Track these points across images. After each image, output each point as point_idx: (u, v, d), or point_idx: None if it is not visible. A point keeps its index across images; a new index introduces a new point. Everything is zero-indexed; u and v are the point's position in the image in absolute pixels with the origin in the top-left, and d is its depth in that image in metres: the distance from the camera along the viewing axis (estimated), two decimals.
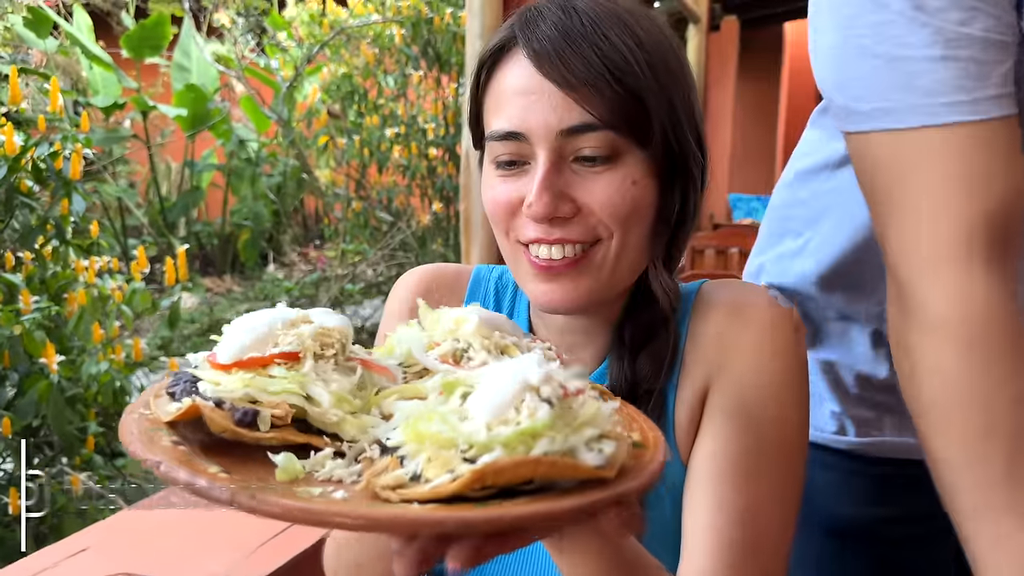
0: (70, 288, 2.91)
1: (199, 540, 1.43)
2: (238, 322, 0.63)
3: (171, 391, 0.60)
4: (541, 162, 0.80)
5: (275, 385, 0.59)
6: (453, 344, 0.68)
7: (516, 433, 0.50)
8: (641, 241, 0.84)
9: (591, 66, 0.78)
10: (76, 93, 6.37)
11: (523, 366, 0.54)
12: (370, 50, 5.69)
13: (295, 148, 6.19)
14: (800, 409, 0.87)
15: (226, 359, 0.60)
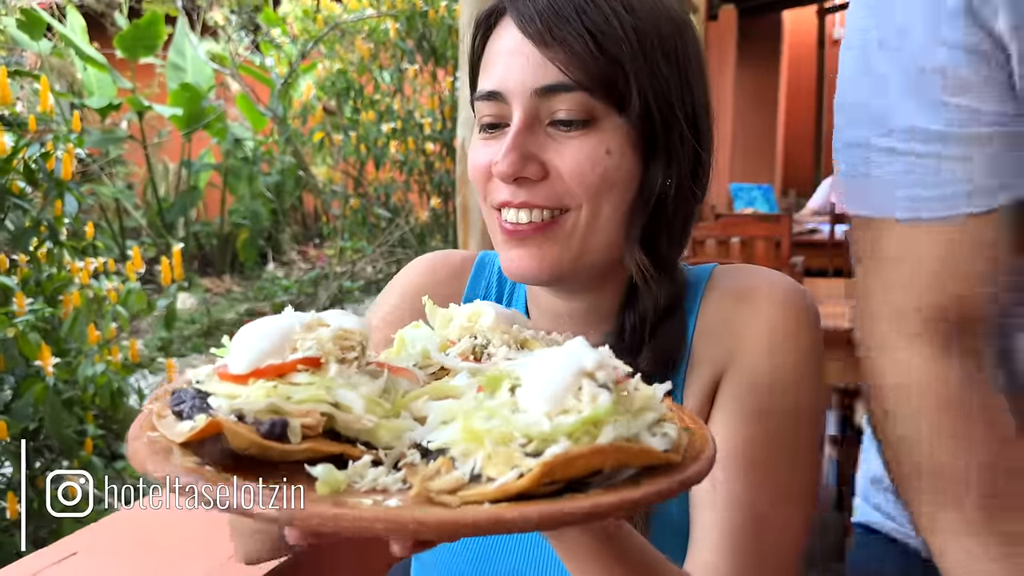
0: (65, 290, 2.89)
1: (191, 542, 1.41)
2: (247, 329, 0.57)
3: (177, 410, 0.54)
4: (515, 120, 0.79)
5: (301, 393, 0.53)
6: (471, 341, 0.65)
7: (580, 421, 0.47)
8: (615, 215, 0.81)
9: (571, 26, 0.77)
10: (71, 95, 6.34)
11: (574, 352, 0.52)
12: (365, 45, 5.66)
13: (291, 146, 6.17)
14: (814, 395, 0.83)
15: (241, 368, 0.54)
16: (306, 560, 1.39)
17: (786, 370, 0.81)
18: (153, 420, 0.55)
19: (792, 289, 0.85)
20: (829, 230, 5.27)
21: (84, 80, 6.66)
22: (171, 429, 0.53)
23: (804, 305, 0.84)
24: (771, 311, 0.82)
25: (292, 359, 0.54)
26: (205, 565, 1.33)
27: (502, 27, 0.83)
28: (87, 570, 1.27)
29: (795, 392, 0.81)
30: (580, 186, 0.78)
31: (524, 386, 0.51)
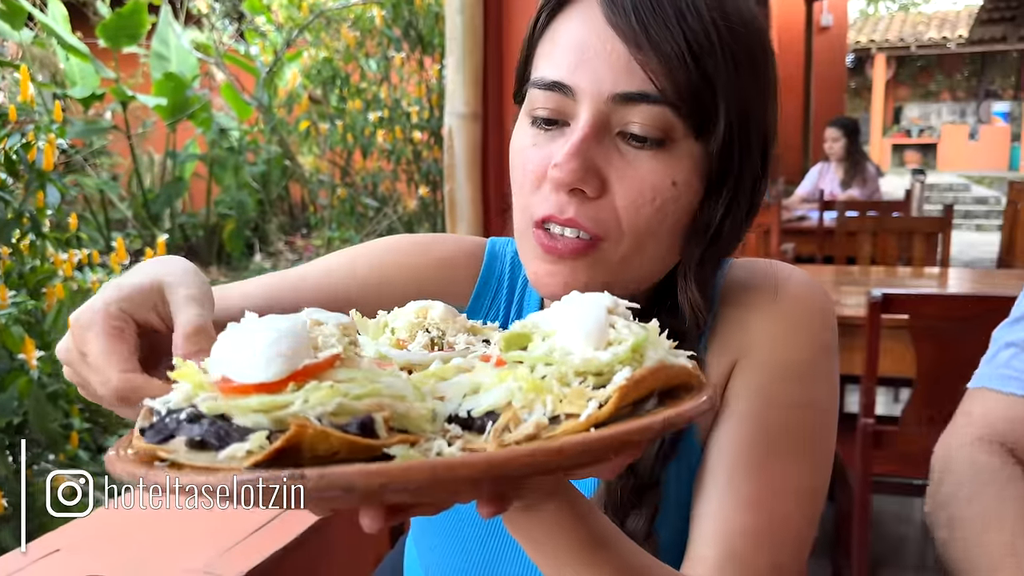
0: (48, 282, 2.86)
1: (175, 537, 1.39)
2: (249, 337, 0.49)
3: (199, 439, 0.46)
4: (581, 123, 0.71)
5: (356, 388, 0.48)
6: (426, 335, 0.63)
7: (630, 348, 0.50)
8: (660, 247, 0.75)
9: (669, 31, 0.68)
10: (53, 85, 6.26)
11: (588, 296, 0.55)
12: (351, 33, 5.61)
13: (277, 135, 6.12)
14: (828, 391, 0.81)
15: (270, 375, 0.47)
16: (299, 555, 1.37)
17: (800, 363, 0.79)
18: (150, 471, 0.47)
19: (808, 284, 0.83)
20: (818, 217, 5.28)
21: (66, 70, 6.58)
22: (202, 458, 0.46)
23: (821, 300, 0.82)
24: (786, 305, 0.80)
25: (325, 356, 0.49)
26: (192, 559, 1.31)
27: (580, 9, 0.74)
28: (70, 567, 1.25)
29: (809, 385, 0.79)
30: (631, 218, 0.72)
31: (557, 336, 0.52)
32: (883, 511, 3.66)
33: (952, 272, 4.02)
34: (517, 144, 0.77)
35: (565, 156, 0.70)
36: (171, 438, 0.47)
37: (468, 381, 0.53)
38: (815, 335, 0.81)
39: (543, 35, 0.77)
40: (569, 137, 0.72)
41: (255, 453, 0.45)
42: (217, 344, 0.50)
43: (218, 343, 0.50)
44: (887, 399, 5.02)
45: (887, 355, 2.65)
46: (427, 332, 0.64)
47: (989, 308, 2.26)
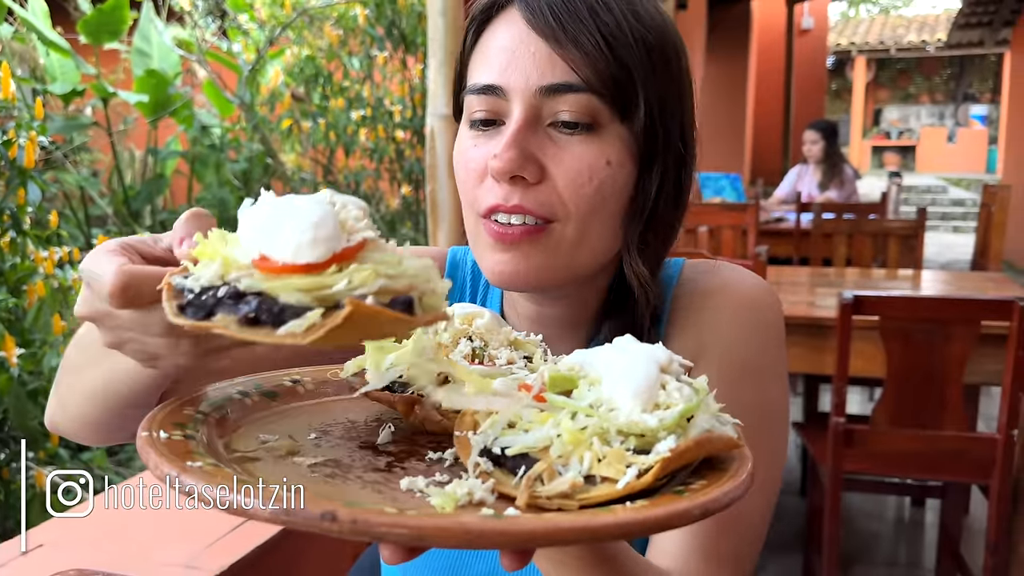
0: (29, 280, 2.85)
1: (157, 533, 1.41)
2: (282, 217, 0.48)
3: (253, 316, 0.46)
4: (514, 118, 0.78)
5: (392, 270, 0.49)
6: (469, 344, 0.64)
7: (678, 416, 0.48)
8: (604, 228, 0.80)
9: (583, 25, 0.76)
10: (33, 81, 6.22)
11: (643, 347, 0.53)
12: (334, 31, 5.61)
13: (259, 133, 6.10)
14: (779, 388, 0.85)
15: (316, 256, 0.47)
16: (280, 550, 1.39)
17: (754, 364, 0.83)
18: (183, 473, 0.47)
19: (757, 285, 0.86)
20: (795, 219, 5.34)
21: (47, 66, 6.54)
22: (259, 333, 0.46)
23: (769, 301, 0.86)
24: (737, 308, 0.84)
25: (357, 240, 0.49)
26: (174, 554, 1.33)
27: (503, 20, 0.81)
28: (53, 562, 1.26)
29: (762, 384, 0.83)
30: (573, 197, 0.77)
31: (605, 384, 0.51)
32: (854, 508, 3.72)
33: (925, 274, 4.08)
34: (459, 148, 0.83)
35: (503, 147, 0.76)
36: (211, 315, 0.47)
37: (507, 415, 0.52)
38: (766, 335, 0.85)
39: (473, 50, 0.84)
40: (505, 132, 0.78)
41: (315, 328, 0.45)
42: (246, 222, 0.50)
43: (246, 221, 0.50)
44: (862, 398, 5.09)
45: (860, 356, 2.70)
46: (470, 340, 0.65)
47: (957, 310, 2.31)
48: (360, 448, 0.60)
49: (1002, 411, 2.30)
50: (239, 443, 0.59)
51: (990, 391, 4.77)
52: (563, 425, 0.49)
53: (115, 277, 0.53)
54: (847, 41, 20.89)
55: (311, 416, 0.67)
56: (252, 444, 0.59)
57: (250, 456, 0.57)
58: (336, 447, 0.60)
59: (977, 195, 16.40)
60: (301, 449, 0.59)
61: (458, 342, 0.65)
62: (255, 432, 0.62)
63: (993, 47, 14.80)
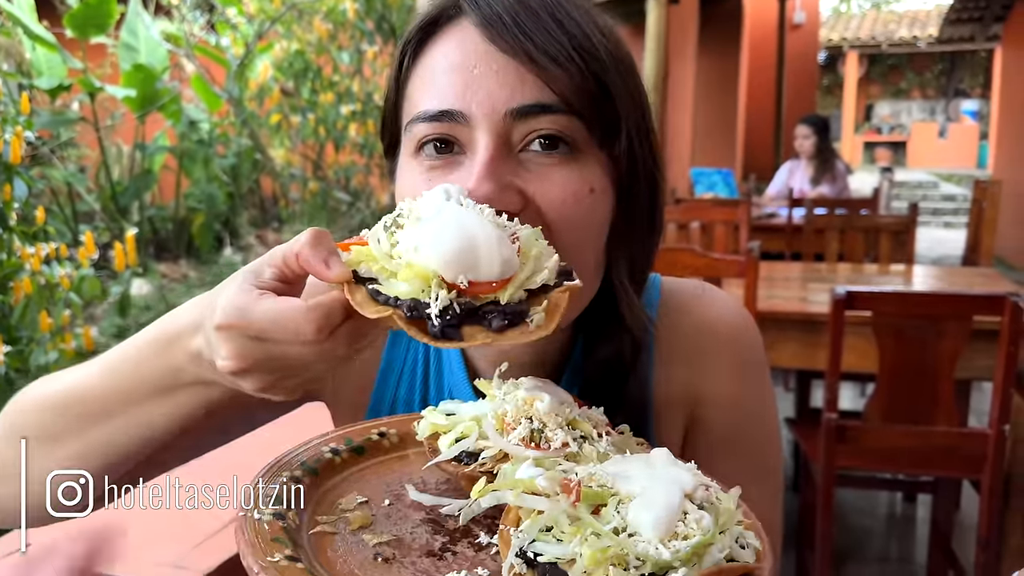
0: (16, 276, 2.82)
1: (147, 532, 1.39)
2: (460, 244, 0.55)
3: (507, 322, 0.56)
4: (482, 146, 0.67)
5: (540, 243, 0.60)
6: (529, 426, 0.66)
7: (692, 549, 0.52)
8: (589, 263, 0.72)
9: (553, 38, 0.66)
10: (19, 75, 6.17)
11: (673, 474, 0.57)
12: (323, 25, 5.58)
13: (248, 128, 6.07)
14: (775, 413, 0.86)
15: (513, 269, 0.57)
16: None
17: (753, 399, 0.83)
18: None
19: (743, 317, 0.85)
20: (787, 214, 5.34)
21: (33, 60, 6.48)
22: (516, 335, 0.55)
23: (755, 335, 0.84)
24: (731, 346, 0.82)
25: (515, 234, 0.59)
26: (163, 553, 1.32)
27: (451, 35, 0.71)
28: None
29: (762, 416, 0.83)
30: (563, 222, 0.68)
31: (632, 506, 0.55)
32: (846, 504, 3.73)
33: (917, 269, 4.09)
34: (408, 184, 0.72)
35: (476, 180, 0.66)
36: (461, 327, 0.55)
37: (546, 518, 0.56)
38: (760, 373, 0.84)
39: (411, 73, 0.73)
40: (473, 163, 0.67)
41: (551, 317, 0.56)
42: (426, 247, 0.55)
43: (424, 246, 0.55)
44: (854, 394, 5.09)
45: (852, 351, 2.70)
46: (530, 422, 0.66)
47: (948, 306, 2.31)
48: (423, 522, 0.68)
49: (993, 406, 2.30)
50: (323, 510, 0.69)
51: (981, 386, 4.78)
52: (587, 544, 0.53)
53: (313, 314, 0.54)
54: (839, 36, 20.93)
55: (391, 473, 0.77)
56: (333, 513, 0.69)
57: (328, 531, 0.66)
58: (403, 520, 0.69)
59: (968, 191, 16.47)
60: (373, 521, 0.68)
61: (519, 423, 0.67)
62: (341, 494, 0.72)
63: (984, 43, 14.85)
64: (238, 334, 0.55)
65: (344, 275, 0.56)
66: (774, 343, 2.94)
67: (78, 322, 3.16)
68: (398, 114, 0.75)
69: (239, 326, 0.55)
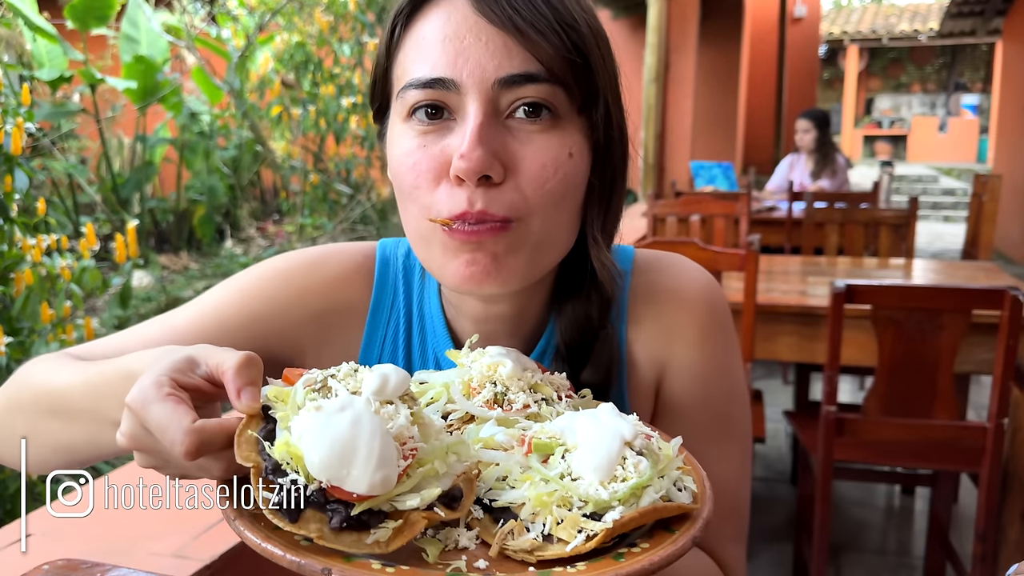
0: (17, 268, 2.83)
1: (146, 523, 1.40)
2: (337, 449, 0.54)
3: (344, 524, 0.55)
4: (473, 112, 0.71)
5: (444, 467, 0.60)
6: (493, 388, 0.71)
7: (630, 490, 0.57)
8: (567, 220, 0.77)
9: (538, 12, 0.71)
10: (20, 66, 6.16)
11: (614, 423, 0.61)
12: (324, 17, 5.57)
13: (249, 120, 6.07)
14: (740, 374, 0.91)
15: (384, 490, 0.55)
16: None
17: (718, 359, 0.87)
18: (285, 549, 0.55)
19: (711, 284, 0.89)
20: (787, 208, 5.34)
21: (34, 51, 6.48)
22: (351, 541, 0.55)
23: (721, 297, 0.89)
24: (699, 310, 0.87)
25: (412, 447, 0.58)
26: (163, 544, 1.32)
27: (440, 7, 0.75)
28: (42, 552, 1.25)
29: (729, 377, 0.89)
30: (538, 193, 0.73)
31: (576, 454, 0.60)
32: (844, 497, 3.74)
33: (917, 263, 4.09)
34: (402, 148, 0.75)
35: (470, 145, 0.70)
36: (303, 511, 0.55)
37: (501, 469, 0.62)
38: (726, 333, 0.89)
39: (403, 41, 0.77)
40: (464, 128, 0.72)
41: (397, 536, 0.55)
42: (309, 435, 0.55)
43: (309, 433, 0.55)
44: (853, 387, 5.11)
45: (851, 344, 2.71)
46: (494, 386, 0.72)
47: (948, 299, 2.31)
48: None
49: (992, 400, 2.31)
50: None
51: (980, 380, 4.79)
52: (535, 489, 0.59)
53: (188, 438, 0.56)
54: (839, 30, 20.89)
55: None
56: None
57: None
58: None
59: (968, 184, 16.46)
60: None
61: (484, 386, 0.72)
62: None
63: (985, 36, 14.82)
64: (135, 418, 0.60)
65: (253, 409, 0.59)
66: (774, 336, 2.95)
67: (79, 313, 3.17)
68: (388, 80, 0.79)
69: (137, 413, 0.59)
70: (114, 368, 0.72)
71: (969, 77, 24.83)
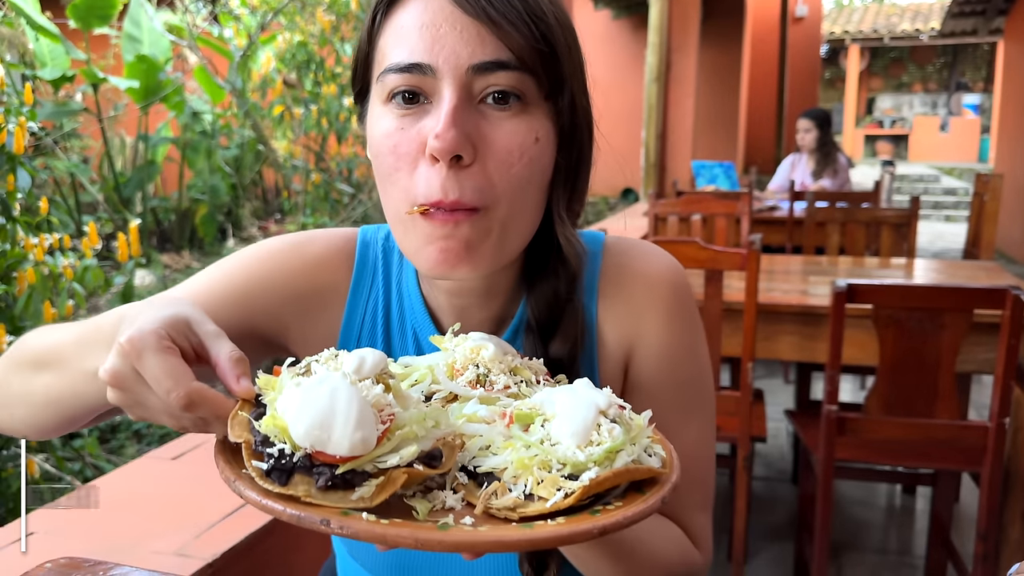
0: (19, 267, 2.83)
1: (149, 522, 1.40)
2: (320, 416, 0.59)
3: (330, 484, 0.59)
4: (448, 96, 0.76)
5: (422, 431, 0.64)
6: (475, 370, 0.76)
7: (604, 452, 0.62)
8: (533, 202, 0.83)
9: (510, 2, 0.77)
10: (23, 66, 6.16)
11: (589, 394, 0.67)
12: (326, 17, 5.57)
13: (251, 119, 6.07)
14: (705, 353, 0.97)
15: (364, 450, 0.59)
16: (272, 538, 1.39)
17: (684, 340, 0.93)
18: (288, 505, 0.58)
19: (678, 269, 0.95)
20: (788, 207, 5.34)
21: (36, 51, 6.48)
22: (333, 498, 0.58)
23: (687, 282, 0.95)
24: (666, 293, 0.93)
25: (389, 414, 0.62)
26: (166, 542, 1.33)
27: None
28: (44, 549, 1.26)
29: (695, 356, 0.95)
30: (504, 177, 0.78)
31: (553, 422, 0.65)
32: (845, 496, 3.74)
33: (918, 263, 4.09)
34: (382, 130, 0.81)
35: (444, 126, 0.75)
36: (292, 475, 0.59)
37: (485, 437, 0.67)
38: (692, 314, 0.95)
39: (383, 28, 0.82)
40: (439, 110, 0.76)
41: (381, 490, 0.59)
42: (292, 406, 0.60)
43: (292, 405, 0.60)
44: (854, 387, 5.11)
45: (853, 344, 2.71)
46: (476, 367, 0.76)
47: (949, 299, 2.32)
48: None
49: (994, 399, 2.31)
50: None
51: (981, 379, 4.79)
52: (516, 454, 0.63)
53: (186, 396, 0.62)
54: (841, 29, 20.88)
55: None
56: None
57: None
58: None
59: (969, 184, 16.44)
60: None
61: (467, 368, 0.76)
62: None
63: (987, 36, 14.80)
64: (126, 359, 0.64)
65: (249, 394, 0.64)
66: (775, 335, 2.95)
67: (81, 312, 3.17)
68: (369, 65, 0.84)
69: (132, 355, 0.64)
70: (108, 320, 0.78)
71: (970, 77, 24.80)
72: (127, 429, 3.98)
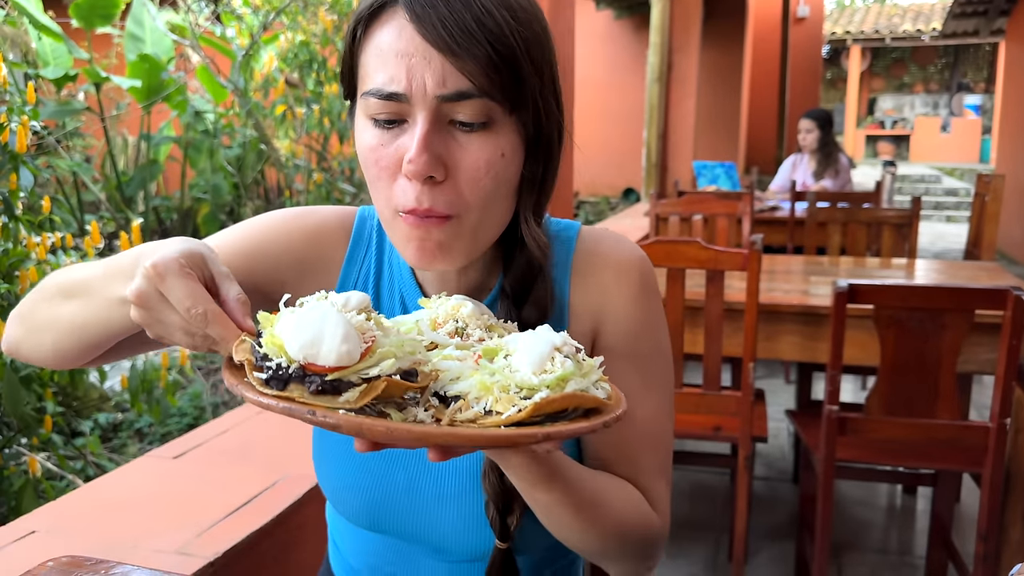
0: (22, 265, 2.84)
1: (150, 520, 1.40)
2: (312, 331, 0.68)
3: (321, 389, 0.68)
4: (420, 121, 0.84)
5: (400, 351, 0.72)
6: (455, 324, 0.84)
7: (555, 378, 0.70)
8: (501, 207, 0.91)
9: (473, 38, 0.82)
10: (25, 65, 6.17)
11: (547, 334, 0.75)
12: (328, 16, 5.57)
13: (253, 119, 6.07)
14: (665, 331, 1.06)
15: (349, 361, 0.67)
16: (273, 537, 1.39)
17: (646, 318, 1.03)
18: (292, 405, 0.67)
19: (644, 258, 1.06)
20: (790, 207, 5.34)
21: (39, 50, 6.49)
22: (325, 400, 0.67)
23: (649, 267, 1.05)
24: (633, 275, 1.03)
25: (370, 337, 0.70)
26: (167, 541, 1.33)
27: (391, 22, 0.85)
28: (45, 548, 1.26)
29: (655, 334, 1.04)
30: (473, 191, 0.86)
31: (515, 355, 0.73)
32: (846, 496, 3.74)
33: (919, 263, 4.09)
34: (366, 143, 0.89)
35: (416, 152, 0.83)
36: (288, 384, 0.67)
37: (456, 370, 0.74)
38: (653, 296, 1.04)
39: (365, 44, 0.88)
40: (412, 134, 0.85)
41: (364, 395, 0.67)
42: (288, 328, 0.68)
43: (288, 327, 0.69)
44: (855, 387, 5.11)
45: (854, 344, 2.71)
46: (456, 322, 0.83)
47: (951, 299, 2.32)
48: None
49: (995, 400, 2.31)
50: None
51: (982, 380, 4.78)
52: (480, 378, 0.71)
53: (205, 313, 0.73)
54: (842, 30, 20.87)
55: None
56: None
57: None
58: None
59: (971, 185, 16.44)
60: None
61: (447, 322, 0.84)
62: None
63: (988, 37, 14.78)
64: (150, 281, 0.74)
65: (251, 330, 0.75)
66: (776, 335, 2.95)
67: None
68: (354, 75, 0.91)
69: (156, 277, 0.74)
70: (127, 257, 0.87)
71: (972, 77, 24.78)
72: (129, 428, 3.99)
